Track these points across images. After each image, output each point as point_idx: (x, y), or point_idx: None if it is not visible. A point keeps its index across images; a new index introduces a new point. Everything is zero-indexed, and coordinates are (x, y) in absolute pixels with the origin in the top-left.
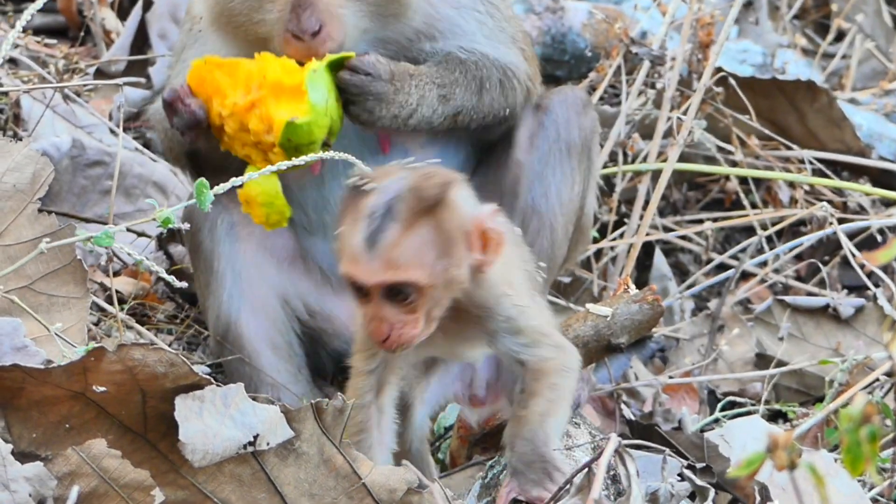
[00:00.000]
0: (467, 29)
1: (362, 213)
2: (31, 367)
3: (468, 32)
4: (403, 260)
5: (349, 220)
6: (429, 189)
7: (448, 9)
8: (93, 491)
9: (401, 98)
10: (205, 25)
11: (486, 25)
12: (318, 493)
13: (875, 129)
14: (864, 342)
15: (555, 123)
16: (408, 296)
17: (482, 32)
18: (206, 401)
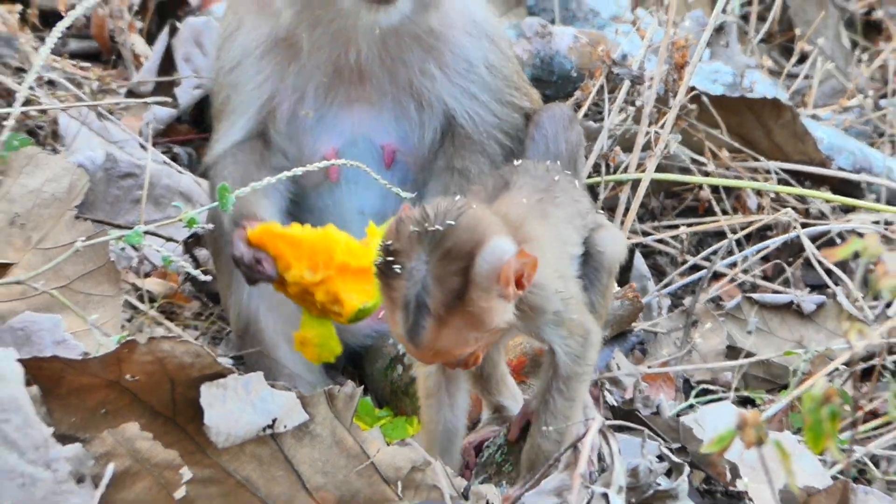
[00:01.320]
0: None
1: (398, 302)
2: (70, 359)
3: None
4: (447, 347)
5: (388, 304)
6: (452, 279)
7: (460, 32)
8: (126, 470)
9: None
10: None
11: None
12: (330, 471)
13: (835, 143)
14: (825, 335)
15: (544, 137)
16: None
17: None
18: (229, 388)
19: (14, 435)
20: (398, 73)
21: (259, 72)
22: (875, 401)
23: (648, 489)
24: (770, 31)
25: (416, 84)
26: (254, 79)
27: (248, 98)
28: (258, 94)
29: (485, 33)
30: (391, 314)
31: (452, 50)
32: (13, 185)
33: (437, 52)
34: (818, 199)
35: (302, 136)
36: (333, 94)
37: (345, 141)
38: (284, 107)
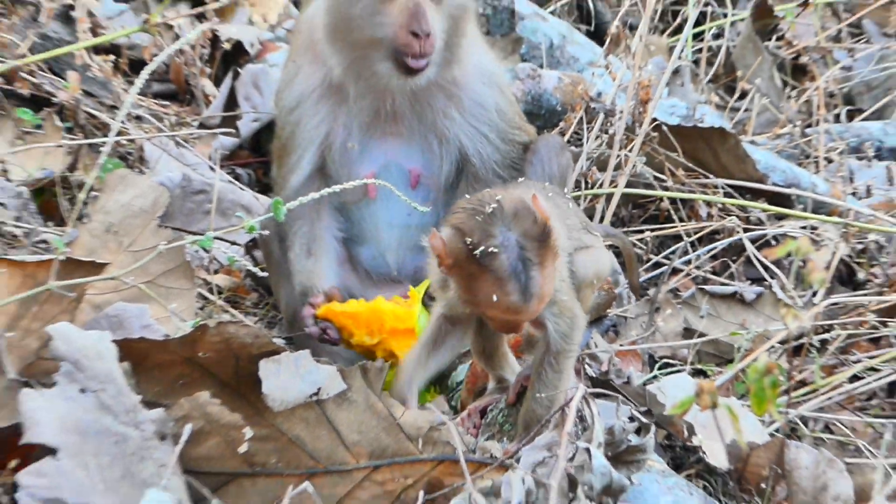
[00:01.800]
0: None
1: (504, 274)
2: (154, 339)
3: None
4: (546, 293)
5: (489, 284)
6: (533, 228)
7: (475, 81)
8: (200, 429)
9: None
10: (321, 37)
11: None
12: (364, 430)
13: (769, 163)
14: (763, 319)
15: (541, 161)
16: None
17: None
18: (282, 363)
19: (110, 401)
20: (425, 114)
21: (316, 113)
22: (804, 372)
23: (622, 444)
24: (716, 74)
25: (438, 124)
26: (313, 118)
27: (310, 135)
28: (317, 131)
29: (495, 83)
30: (498, 292)
31: (470, 97)
32: (108, 201)
33: (458, 98)
34: (756, 208)
35: (349, 163)
36: (373, 129)
37: (380, 166)
38: (337, 141)
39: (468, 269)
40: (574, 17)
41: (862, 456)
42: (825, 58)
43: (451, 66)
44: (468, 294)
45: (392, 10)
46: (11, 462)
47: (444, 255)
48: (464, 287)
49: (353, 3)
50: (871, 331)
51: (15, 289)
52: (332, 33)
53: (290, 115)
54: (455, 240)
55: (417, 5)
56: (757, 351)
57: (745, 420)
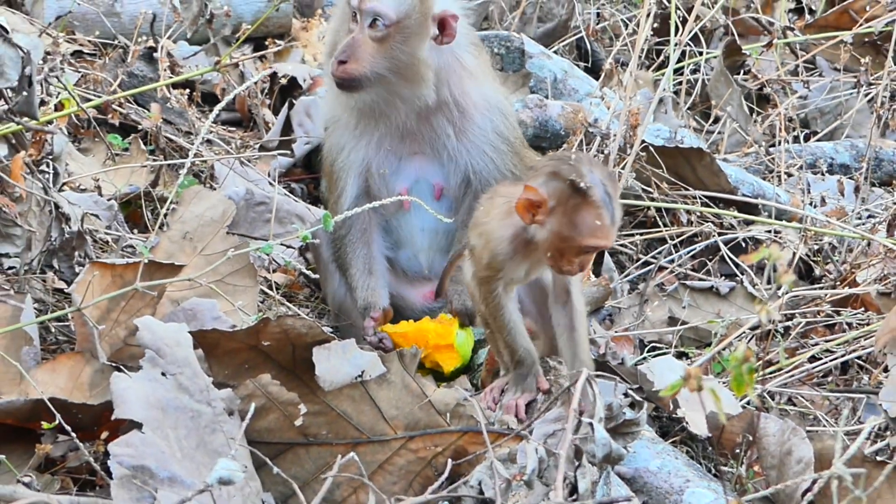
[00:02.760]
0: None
1: (601, 202)
2: (223, 330)
3: (487, 159)
4: (619, 221)
5: (585, 209)
6: (607, 172)
7: (477, 111)
8: (262, 406)
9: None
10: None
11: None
12: (400, 406)
13: (739, 177)
14: (735, 309)
15: None
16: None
17: (500, 160)
18: (332, 350)
19: (186, 382)
20: (435, 137)
21: (352, 144)
22: (770, 354)
23: (619, 419)
24: (694, 102)
25: (446, 145)
26: (351, 151)
27: (351, 164)
28: (356, 160)
29: (496, 108)
30: (590, 217)
31: (472, 121)
32: (185, 212)
33: (460, 123)
34: (728, 216)
35: (387, 182)
36: (401, 150)
37: (412, 182)
38: (374, 166)
39: (571, 204)
40: (574, 55)
41: (820, 425)
42: (785, 89)
43: (454, 96)
44: (567, 228)
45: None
46: (103, 434)
47: (545, 201)
48: (564, 223)
49: (336, 33)
50: (827, 318)
51: (106, 287)
52: (328, 55)
53: (332, 148)
54: (554, 183)
55: (349, 39)
56: (730, 336)
57: (721, 396)
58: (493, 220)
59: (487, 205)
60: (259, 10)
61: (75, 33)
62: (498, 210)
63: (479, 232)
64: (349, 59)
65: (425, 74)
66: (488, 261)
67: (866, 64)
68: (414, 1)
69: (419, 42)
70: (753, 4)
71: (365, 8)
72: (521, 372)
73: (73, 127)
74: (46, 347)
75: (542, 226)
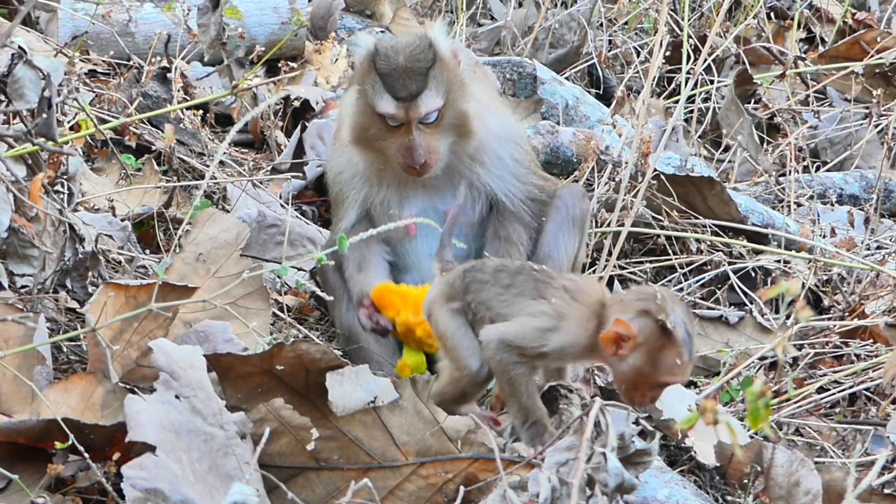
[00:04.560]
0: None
1: (684, 342)
2: (237, 354)
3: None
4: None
5: (673, 352)
6: (685, 309)
7: (493, 142)
8: (275, 430)
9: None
10: (346, 138)
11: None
12: (412, 432)
13: (749, 206)
14: (744, 339)
15: (565, 205)
16: None
17: (517, 177)
18: (345, 375)
19: (199, 405)
20: (454, 171)
21: (357, 181)
22: (779, 384)
23: (631, 448)
24: (705, 131)
25: (466, 175)
26: (354, 186)
27: (354, 196)
28: (359, 194)
29: (511, 138)
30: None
31: (490, 152)
32: (199, 234)
33: (479, 156)
34: (738, 245)
35: (393, 209)
36: (408, 184)
37: (419, 209)
38: (377, 199)
39: (657, 344)
40: (585, 82)
41: (827, 456)
42: (795, 118)
43: (471, 134)
44: (649, 366)
45: (395, 141)
46: (114, 454)
47: (634, 337)
48: (646, 361)
49: (368, 128)
50: (835, 349)
51: (120, 308)
52: (356, 142)
53: (337, 178)
54: (644, 321)
55: (411, 143)
56: (739, 366)
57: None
58: (573, 323)
59: (563, 302)
60: (273, 32)
61: (89, 53)
62: (580, 315)
63: (553, 321)
64: (425, 158)
65: (471, 122)
66: (549, 349)
67: (877, 95)
68: (443, 70)
69: (462, 95)
70: (765, 34)
71: (418, 118)
72: (536, 430)
73: (88, 147)
74: (58, 367)
75: (623, 359)
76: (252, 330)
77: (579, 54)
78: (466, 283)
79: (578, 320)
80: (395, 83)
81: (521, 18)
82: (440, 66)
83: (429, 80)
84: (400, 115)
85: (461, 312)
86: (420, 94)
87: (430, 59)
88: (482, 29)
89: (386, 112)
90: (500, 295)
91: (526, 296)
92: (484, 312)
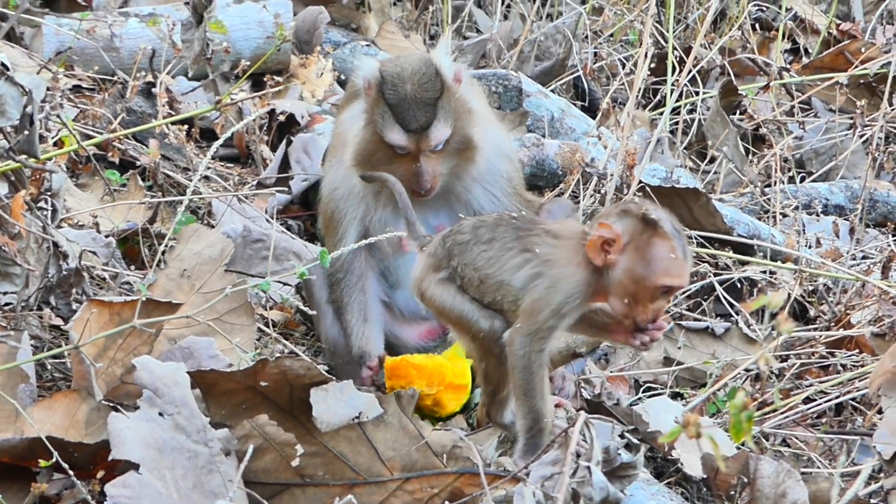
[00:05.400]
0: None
1: (673, 235)
2: (221, 370)
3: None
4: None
5: (665, 248)
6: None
7: (491, 159)
8: (259, 446)
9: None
10: (349, 161)
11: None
12: (397, 447)
13: (735, 217)
14: (731, 350)
15: (553, 218)
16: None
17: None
18: (330, 391)
19: (183, 422)
20: (453, 188)
21: (354, 198)
22: (765, 394)
23: (616, 462)
24: (690, 142)
25: (459, 190)
26: (351, 204)
27: (351, 214)
28: (356, 211)
29: (505, 154)
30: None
31: (485, 167)
32: (183, 250)
33: (476, 171)
34: (724, 256)
35: (390, 227)
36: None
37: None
38: (375, 217)
39: (645, 238)
40: (571, 94)
41: (814, 466)
42: (780, 129)
43: (468, 149)
44: (641, 266)
45: (401, 166)
46: (99, 472)
47: (619, 237)
48: (637, 260)
49: (374, 153)
50: (821, 360)
51: (104, 325)
52: (357, 165)
53: (332, 195)
54: (626, 219)
55: (418, 170)
56: (725, 377)
57: (714, 436)
58: (563, 263)
59: (547, 247)
60: (258, 47)
61: (74, 68)
62: (567, 252)
63: (543, 276)
64: (431, 184)
65: (475, 145)
66: (555, 308)
67: (861, 106)
68: (450, 99)
69: (467, 121)
70: (750, 45)
71: (428, 148)
72: (536, 442)
73: (72, 163)
74: (42, 384)
75: (615, 267)
76: (236, 346)
77: (565, 66)
78: (448, 248)
79: (567, 258)
80: (405, 114)
81: (506, 31)
82: (447, 96)
83: (437, 111)
84: (411, 147)
85: (451, 280)
86: (430, 125)
87: (438, 90)
88: (468, 42)
89: (396, 143)
90: (483, 252)
91: (511, 250)
92: (471, 274)
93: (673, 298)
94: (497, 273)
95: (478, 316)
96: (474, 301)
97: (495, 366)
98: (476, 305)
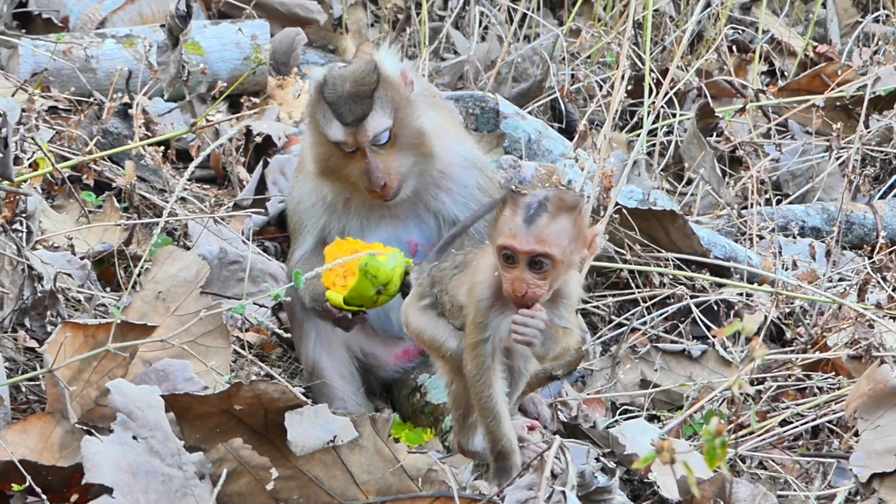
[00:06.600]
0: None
1: (522, 204)
2: (195, 394)
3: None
4: (547, 238)
5: (509, 210)
6: (569, 197)
7: (458, 168)
8: (233, 470)
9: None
10: (311, 171)
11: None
12: (372, 471)
13: (711, 240)
14: (707, 372)
15: None
16: (543, 265)
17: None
18: (304, 415)
19: (157, 446)
20: (419, 200)
21: (316, 212)
22: (742, 417)
23: (592, 486)
24: (667, 164)
25: (432, 205)
26: (312, 217)
27: (312, 224)
28: (317, 223)
29: (475, 165)
30: (510, 217)
31: (455, 181)
32: (158, 272)
33: (445, 184)
34: (700, 278)
35: (348, 236)
36: (371, 215)
37: (383, 239)
38: (335, 229)
39: (505, 209)
40: (548, 116)
41: (790, 489)
42: (757, 151)
43: (434, 161)
44: (491, 230)
45: (354, 166)
46: (73, 496)
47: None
48: (492, 225)
49: (328, 157)
50: (798, 382)
51: (78, 347)
52: (319, 174)
53: (297, 208)
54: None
55: (367, 165)
56: (702, 399)
57: (690, 459)
58: (482, 269)
59: (478, 257)
60: (235, 68)
61: (50, 89)
62: (488, 258)
63: (465, 285)
64: (385, 180)
65: (429, 140)
66: (474, 314)
67: (838, 128)
68: (389, 90)
69: (412, 112)
70: (726, 67)
71: (368, 141)
72: (503, 465)
73: (47, 184)
74: (17, 407)
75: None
76: (211, 369)
77: (542, 88)
78: (432, 277)
79: (487, 263)
80: (341, 109)
81: (483, 53)
82: (385, 87)
83: (374, 102)
84: (350, 140)
85: (432, 307)
86: (366, 116)
87: (374, 82)
88: (445, 63)
89: (337, 139)
90: (455, 276)
91: (466, 272)
92: (446, 299)
93: (650, 321)
94: (457, 295)
95: (446, 336)
96: (449, 324)
97: (463, 388)
98: (449, 328)
